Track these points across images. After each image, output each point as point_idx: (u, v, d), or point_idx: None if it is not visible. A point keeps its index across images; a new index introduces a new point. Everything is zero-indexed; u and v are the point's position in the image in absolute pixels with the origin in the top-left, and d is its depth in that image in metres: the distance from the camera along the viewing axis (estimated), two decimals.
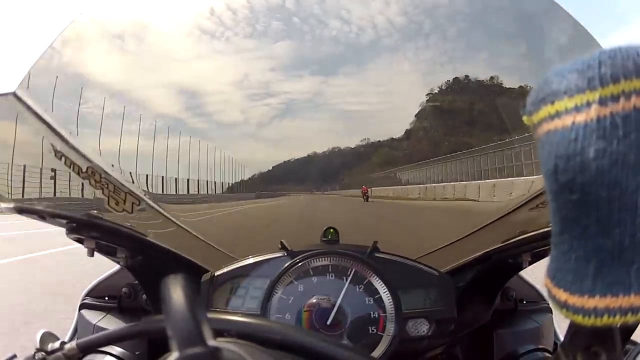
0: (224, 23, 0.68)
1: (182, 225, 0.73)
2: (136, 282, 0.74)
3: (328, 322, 0.61)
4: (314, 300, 0.62)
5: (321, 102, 0.76)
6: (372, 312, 0.63)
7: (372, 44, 0.71)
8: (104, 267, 0.80)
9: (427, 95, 0.74)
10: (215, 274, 0.66)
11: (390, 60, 0.74)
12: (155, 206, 0.68)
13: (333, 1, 0.71)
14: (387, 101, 0.78)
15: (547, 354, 0.69)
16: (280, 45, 0.70)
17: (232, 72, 0.72)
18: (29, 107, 0.56)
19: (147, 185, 0.70)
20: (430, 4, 0.74)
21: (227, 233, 0.87)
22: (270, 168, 0.84)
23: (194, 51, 0.70)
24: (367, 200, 0.99)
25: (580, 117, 0.20)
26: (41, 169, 0.59)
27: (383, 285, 0.63)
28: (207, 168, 0.80)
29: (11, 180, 0.59)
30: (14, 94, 0.55)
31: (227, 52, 0.70)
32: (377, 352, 0.61)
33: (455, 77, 0.75)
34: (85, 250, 0.62)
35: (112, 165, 0.63)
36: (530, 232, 0.59)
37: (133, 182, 0.66)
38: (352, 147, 0.83)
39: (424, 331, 0.64)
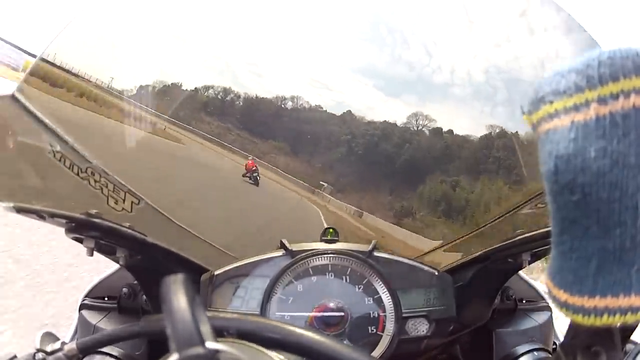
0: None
1: (180, 224, 0.73)
2: (136, 282, 0.74)
3: (328, 322, 0.61)
4: (314, 300, 0.62)
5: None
6: (371, 312, 0.63)
7: (443, 86, 0.70)
8: None
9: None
10: (215, 274, 0.65)
11: (453, 109, 0.73)
12: (154, 205, 0.68)
13: (427, 27, 0.68)
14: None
15: (547, 354, 0.69)
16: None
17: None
18: (27, 109, 0.55)
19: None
20: (514, 75, 0.71)
21: (226, 230, 0.87)
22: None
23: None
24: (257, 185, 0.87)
25: (580, 116, 0.20)
26: None
27: (382, 285, 0.63)
28: None
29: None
30: (12, 96, 0.55)
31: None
32: (376, 352, 0.61)
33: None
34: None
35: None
36: (530, 232, 0.59)
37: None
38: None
39: (423, 331, 0.64)
